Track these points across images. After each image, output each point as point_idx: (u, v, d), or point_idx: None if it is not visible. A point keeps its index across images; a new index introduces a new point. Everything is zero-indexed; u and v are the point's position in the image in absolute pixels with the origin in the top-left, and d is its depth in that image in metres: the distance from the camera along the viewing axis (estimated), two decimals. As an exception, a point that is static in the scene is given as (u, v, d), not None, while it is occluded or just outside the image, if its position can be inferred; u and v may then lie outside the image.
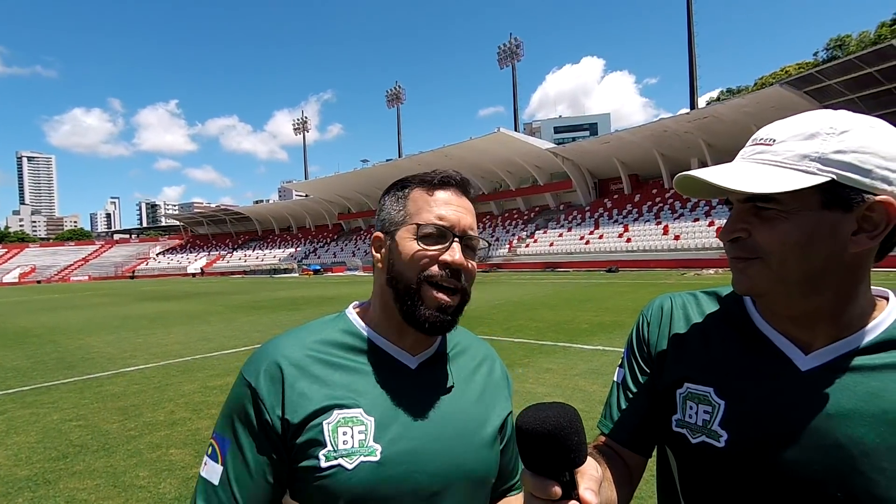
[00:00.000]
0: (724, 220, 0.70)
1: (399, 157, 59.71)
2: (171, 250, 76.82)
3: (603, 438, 0.80)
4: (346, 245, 58.11)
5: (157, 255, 75.33)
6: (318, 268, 47.85)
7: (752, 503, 0.64)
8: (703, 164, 36.89)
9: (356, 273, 44.16)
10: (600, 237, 35.64)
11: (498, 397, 0.88)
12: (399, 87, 62.63)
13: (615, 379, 0.83)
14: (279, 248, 64.94)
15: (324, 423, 0.70)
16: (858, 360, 0.62)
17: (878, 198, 0.57)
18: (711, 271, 23.35)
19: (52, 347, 8.99)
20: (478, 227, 0.81)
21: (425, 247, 0.75)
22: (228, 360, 7.18)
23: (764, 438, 0.64)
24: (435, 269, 0.75)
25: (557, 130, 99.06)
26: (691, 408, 0.70)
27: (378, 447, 0.71)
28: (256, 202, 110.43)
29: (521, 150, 41.63)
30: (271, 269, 53.19)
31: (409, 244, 0.76)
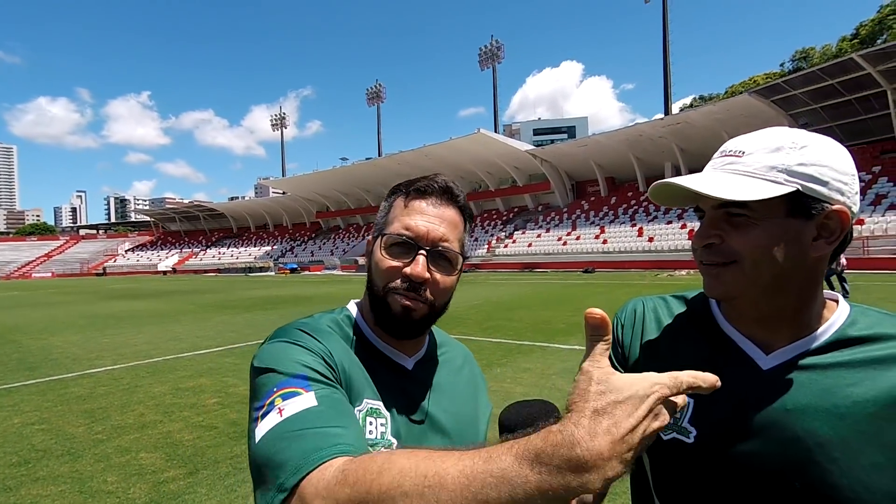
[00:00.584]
0: (697, 224, 0.72)
1: (379, 155, 59.34)
2: (141, 247, 74.54)
3: None
4: (324, 244, 57.44)
5: (126, 251, 73.00)
6: (295, 266, 47.16)
7: (719, 495, 0.68)
8: (677, 168, 37.84)
9: (334, 272, 43.73)
10: (577, 238, 36.13)
11: (481, 396, 0.93)
12: (379, 85, 62.22)
13: None
14: (255, 246, 63.75)
15: (356, 408, 0.72)
16: (813, 359, 0.67)
17: (834, 207, 0.64)
18: (684, 272, 23.93)
19: (13, 348, 8.61)
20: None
21: (390, 258, 0.76)
22: (201, 361, 7.01)
23: (729, 433, 0.68)
24: (398, 281, 0.75)
25: (536, 132, 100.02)
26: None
27: (395, 441, 0.74)
28: (231, 199, 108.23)
29: (500, 151, 41.89)
30: (246, 268, 52.18)
31: (378, 253, 0.77)
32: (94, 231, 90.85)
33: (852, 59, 27.32)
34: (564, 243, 35.99)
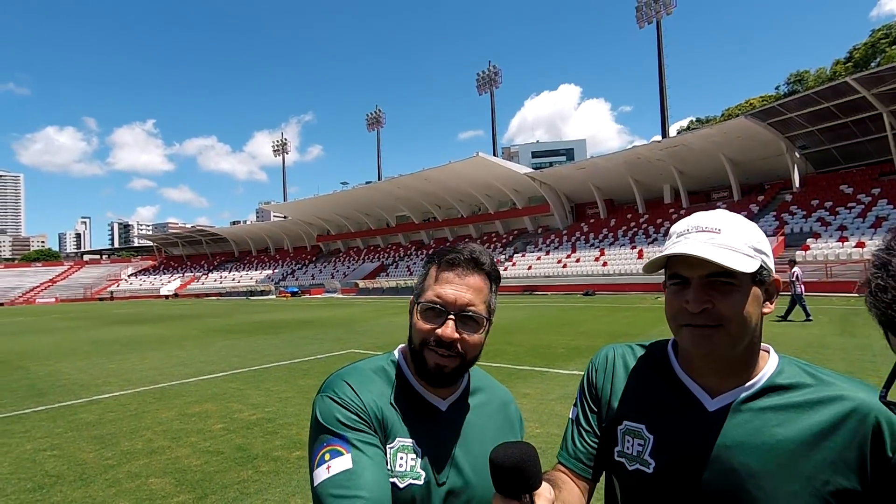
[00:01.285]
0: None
1: (379, 179, 60.04)
2: (144, 271, 74.84)
3: (560, 467, 0.96)
4: (324, 267, 57.64)
5: (129, 276, 73.27)
6: (296, 290, 47.26)
7: None
8: (675, 191, 38.21)
9: (335, 295, 43.79)
10: (577, 261, 36.27)
11: (512, 436, 1.04)
12: (379, 110, 63.39)
13: (570, 416, 1.01)
14: (256, 270, 63.98)
15: (387, 446, 0.88)
16: (749, 404, 0.82)
17: (773, 276, 0.83)
18: (684, 294, 23.99)
19: (22, 374, 8.75)
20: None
21: (424, 321, 0.92)
22: (206, 387, 7.13)
23: (681, 465, 0.83)
24: (431, 339, 0.91)
25: (535, 155, 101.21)
26: (628, 441, 0.90)
27: (422, 474, 0.90)
28: (233, 223, 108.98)
29: (499, 174, 42.41)
30: (248, 291, 52.31)
31: (416, 316, 0.94)
32: (98, 256, 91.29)
33: (846, 83, 27.79)
34: (564, 265, 36.11)
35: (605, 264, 34.01)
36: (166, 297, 59.71)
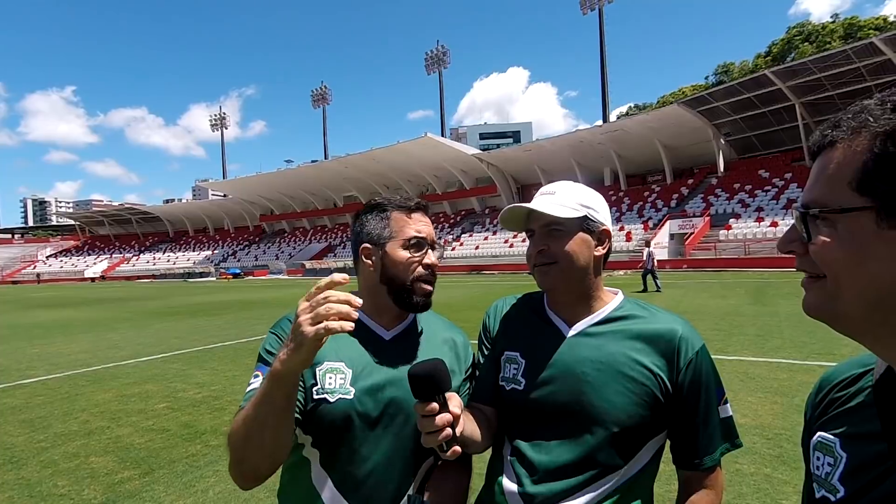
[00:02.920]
0: (635, 227, 1.19)
1: (325, 158, 58.34)
2: (65, 252, 69.11)
3: (470, 402, 1.17)
4: (268, 248, 55.72)
5: (47, 257, 67.42)
6: (239, 272, 45.48)
7: (541, 422, 1.04)
8: (615, 173, 39.93)
9: (280, 276, 42.54)
10: (524, 241, 36.79)
11: (457, 366, 1.17)
12: (325, 87, 61.22)
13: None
14: (194, 251, 60.78)
15: (316, 369, 1.03)
16: (594, 328, 1.07)
17: (602, 227, 1.08)
18: (622, 272, 25.37)
19: (-73, 362, 7.97)
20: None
21: (412, 254, 1.09)
22: (146, 368, 6.85)
23: (545, 380, 1.05)
24: (420, 269, 1.09)
25: (482, 136, 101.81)
26: (507, 367, 1.12)
27: (352, 389, 1.03)
28: (167, 201, 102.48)
29: (447, 155, 42.46)
30: (185, 273, 49.75)
31: (400, 253, 1.08)
32: (10, 236, 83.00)
33: (765, 75, 30.02)
34: (511, 245, 37.02)
35: (549, 244, 35.13)
36: (92, 279, 55.58)
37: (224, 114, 68.91)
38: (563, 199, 1.06)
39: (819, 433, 0.66)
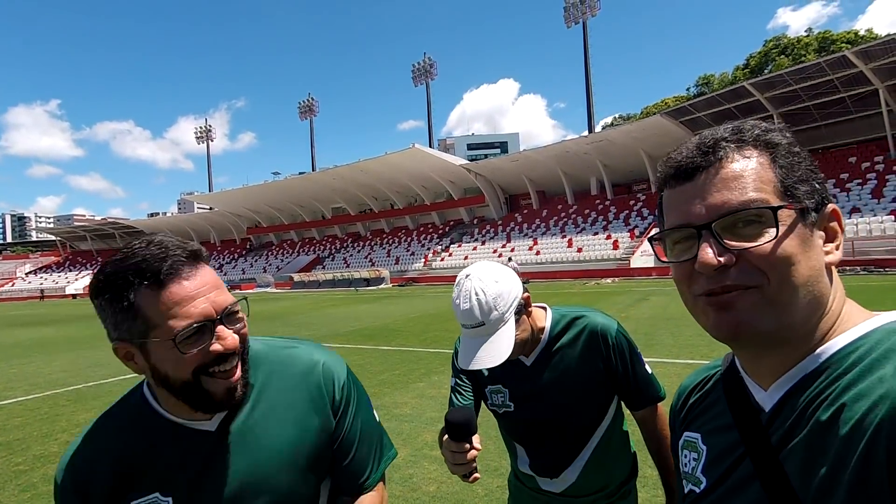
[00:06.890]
0: (620, 234, 1.83)
1: (313, 169, 58.22)
2: (46, 268, 67.69)
3: None
4: (255, 261, 55.20)
5: (26, 274, 65.98)
6: (225, 285, 44.88)
7: (530, 436, 1.42)
8: (601, 183, 40.43)
9: (268, 290, 42.11)
10: (512, 250, 37.41)
11: (313, 414, 0.87)
12: (312, 98, 61.28)
13: (451, 384, 1.50)
14: (179, 265, 59.86)
15: None
16: (546, 353, 1.36)
17: (520, 305, 1.25)
18: (609, 280, 25.56)
19: None
20: (394, 242, 1.11)
21: (189, 350, 0.72)
22: (130, 386, 6.68)
23: (526, 402, 1.38)
24: (209, 358, 0.73)
25: (470, 147, 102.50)
26: (494, 396, 1.43)
27: None
28: (151, 215, 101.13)
29: (435, 166, 42.64)
30: (169, 288, 48.85)
31: (168, 354, 0.72)
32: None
33: (744, 87, 30.81)
34: (500, 255, 37.13)
35: (538, 253, 35.39)
36: (73, 296, 54.44)
37: (210, 126, 68.52)
38: (491, 328, 1.18)
39: (685, 433, 0.71)
